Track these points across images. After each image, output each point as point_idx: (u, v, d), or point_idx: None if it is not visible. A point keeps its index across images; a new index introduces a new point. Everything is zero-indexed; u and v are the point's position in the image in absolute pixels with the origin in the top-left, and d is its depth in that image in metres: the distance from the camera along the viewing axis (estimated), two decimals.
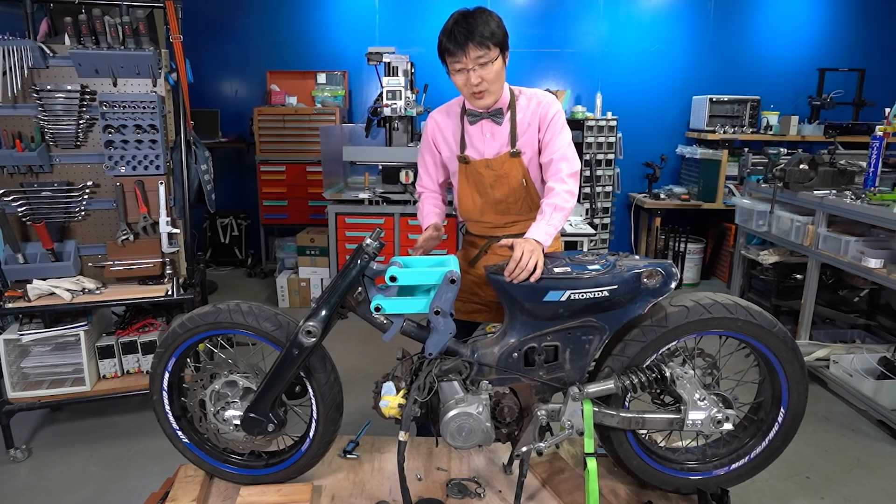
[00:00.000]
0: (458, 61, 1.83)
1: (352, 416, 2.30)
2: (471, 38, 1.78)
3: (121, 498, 2.41)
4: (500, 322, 1.97)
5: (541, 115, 1.94)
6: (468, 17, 1.80)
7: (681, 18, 5.54)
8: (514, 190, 1.99)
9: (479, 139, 2.00)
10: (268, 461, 1.95)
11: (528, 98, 1.97)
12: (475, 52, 1.79)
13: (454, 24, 1.81)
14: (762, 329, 1.74)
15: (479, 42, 1.78)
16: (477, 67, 1.82)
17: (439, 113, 2.10)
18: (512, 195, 2.00)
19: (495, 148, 1.99)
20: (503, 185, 1.99)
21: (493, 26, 1.80)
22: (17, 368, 2.75)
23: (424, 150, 2.16)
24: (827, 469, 2.64)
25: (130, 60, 2.65)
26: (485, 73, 1.83)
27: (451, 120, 2.06)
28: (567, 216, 1.88)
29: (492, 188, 2.00)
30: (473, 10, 1.83)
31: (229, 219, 5.64)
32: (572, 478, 1.96)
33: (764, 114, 5.35)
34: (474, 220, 2.11)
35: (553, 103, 1.96)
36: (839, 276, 3.87)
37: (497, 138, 1.98)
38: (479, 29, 1.78)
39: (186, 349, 1.85)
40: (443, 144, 2.10)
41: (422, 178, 2.20)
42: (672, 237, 5.30)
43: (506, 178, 1.98)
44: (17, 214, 2.66)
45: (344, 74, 5.50)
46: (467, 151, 2.03)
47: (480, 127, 1.99)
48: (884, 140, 3.34)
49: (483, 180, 2.01)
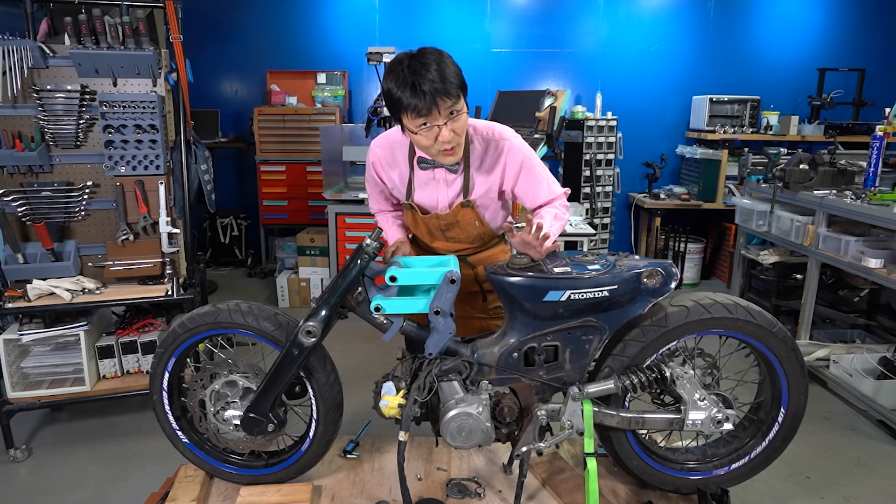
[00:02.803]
0: (427, 119, 1.55)
1: (352, 416, 2.30)
2: (445, 86, 1.50)
3: (121, 498, 2.41)
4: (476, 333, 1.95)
5: (505, 165, 1.79)
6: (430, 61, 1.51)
7: (681, 18, 5.54)
8: (467, 231, 1.93)
9: (431, 187, 1.83)
10: (268, 461, 1.95)
11: (484, 140, 1.78)
12: (447, 103, 1.54)
13: (413, 74, 1.50)
14: (762, 329, 1.73)
15: (454, 92, 1.53)
16: (448, 122, 1.57)
17: (382, 149, 1.86)
18: (464, 234, 1.94)
19: (448, 198, 1.84)
20: (455, 229, 1.92)
21: (457, 70, 1.56)
22: (17, 368, 2.75)
23: (370, 180, 1.96)
24: (827, 469, 2.64)
25: (130, 60, 2.65)
26: (457, 127, 1.60)
27: (397, 161, 1.84)
28: (562, 228, 1.85)
29: (443, 231, 1.93)
30: (429, 48, 1.55)
31: (229, 219, 5.64)
32: (572, 478, 1.96)
33: (764, 114, 5.35)
34: (425, 245, 2.06)
35: (514, 148, 1.77)
36: (839, 276, 3.87)
37: (451, 187, 1.83)
38: (449, 76, 1.51)
39: (186, 349, 1.85)
40: (388, 182, 1.92)
41: (375, 202, 2.05)
42: (672, 237, 5.30)
43: (458, 224, 1.90)
44: (17, 214, 2.66)
45: (344, 74, 5.50)
46: (416, 199, 1.87)
47: (433, 174, 1.81)
48: (884, 140, 3.34)
49: (433, 226, 1.92)
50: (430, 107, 1.52)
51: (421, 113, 1.54)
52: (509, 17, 5.53)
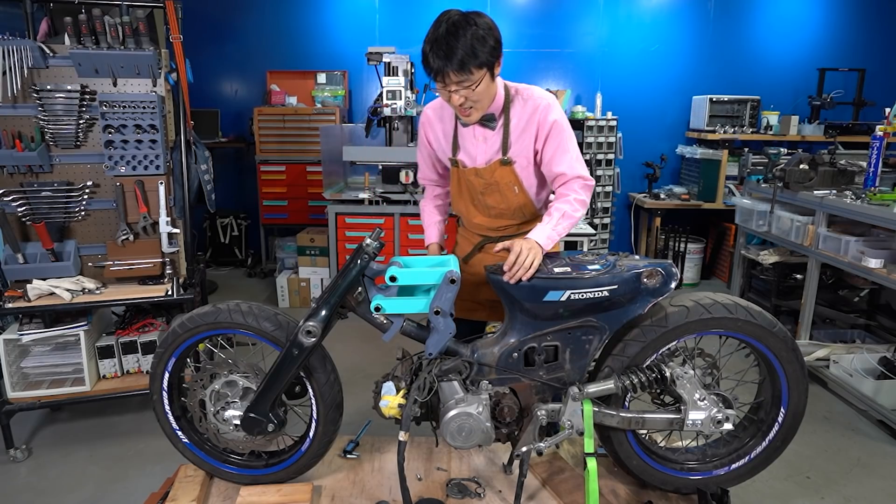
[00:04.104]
0: (439, 81, 1.70)
1: (352, 416, 2.30)
2: (449, 63, 1.62)
3: (121, 498, 2.41)
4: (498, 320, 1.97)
5: (538, 123, 1.82)
6: (451, 32, 1.62)
7: (681, 18, 5.54)
8: (506, 197, 1.94)
9: (471, 143, 1.91)
10: (268, 461, 1.95)
11: (525, 100, 1.84)
12: (456, 76, 1.66)
13: (435, 41, 1.63)
14: (762, 329, 1.74)
15: (458, 68, 1.63)
16: (460, 89, 1.69)
17: (433, 109, 1.99)
18: (503, 202, 1.95)
19: (487, 154, 1.89)
20: (494, 193, 1.93)
21: (476, 46, 1.62)
22: (17, 368, 2.75)
23: (420, 144, 2.08)
24: (827, 469, 2.64)
25: (130, 60, 2.65)
26: (469, 94, 1.71)
27: (444, 118, 1.96)
28: (573, 225, 1.82)
29: (482, 195, 1.95)
30: (461, 19, 1.64)
31: (229, 219, 5.64)
32: (572, 478, 1.96)
33: (764, 114, 5.35)
34: (467, 220, 2.08)
35: (551, 108, 1.82)
36: (839, 276, 3.87)
37: (489, 144, 1.88)
38: (458, 53, 1.61)
39: (186, 349, 1.85)
40: (435, 142, 2.02)
41: (421, 169, 2.14)
42: (672, 237, 5.30)
43: (496, 185, 1.91)
44: (17, 214, 2.66)
45: (344, 74, 5.50)
46: (459, 155, 1.95)
47: (473, 130, 1.89)
48: (884, 140, 3.34)
49: (474, 187, 1.95)
50: (437, 73, 1.67)
51: (433, 73, 1.68)
52: (509, 17, 5.53)
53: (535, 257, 1.66)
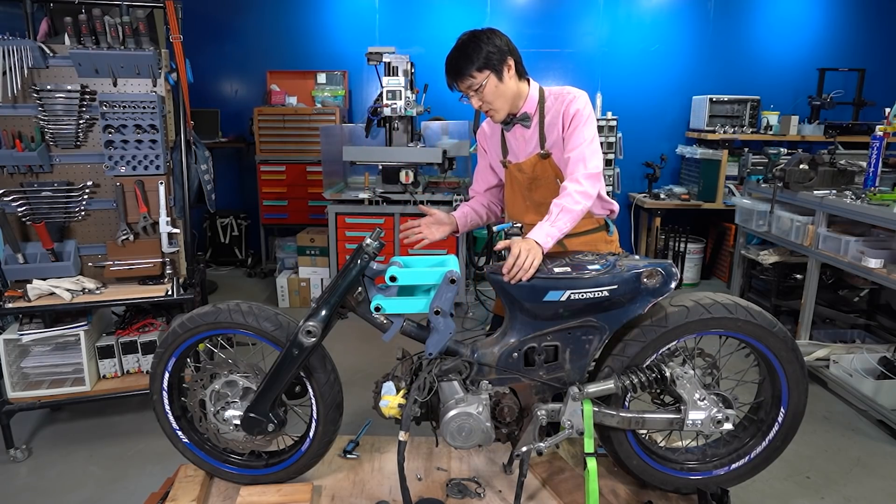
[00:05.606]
0: (456, 91, 1.94)
1: (352, 416, 2.30)
2: (456, 77, 1.88)
3: (121, 498, 2.41)
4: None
5: (563, 112, 1.91)
6: (458, 47, 1.86)
7: (681, 18, 5.54)
8: (552, 191, 1.92)
9: (515, 143, 2.07)
10: (268, 461, 1.95)
11: (555, 97, 1.96)
12: (463, 84, 1.88)
13: (447, 59, 1.89)
14: (762, 329, 1.74)
15: (461, 78, 1.87)
16: (472, 94, 1.89)
17: (487, 122, 2.18)
18: (551, 196, 1.90)
19: (526, 151, 2.03)
20: (540, 187, 2.02)
21: (472, 53, 1.83)
22: (17, 368, 2.75)
23: (479, 155, 2.27)
24: (827, 469, 2.64)
25: (130, 60, 2.65)
26: (482, 96, 1.89)
27: (494, 127, 2.14)
28: (576, 219, 1.78)
29: (529, 190, 2.06)
30: (469, 36, 1.86)
31: (229, 219, 5.64)
32: (572, 478, 1.96)
33: (764, 114, 5.35)
34: (521, 221, 2.07)
35: (576, 99, 1.92)
36: (839, 276, 3.87)
37: (528, 140, 2.02)
38: (461, 66, 1.84)
39: (186, 349, 1.86)
40: (490, 150, 2.19)
41: (476, 182, 2.30)
42: (672, 237, 5.30)
43: (540, 179, 2.02)
44: (17, 214, 2.66)
45: (344, 74, 5.50)
46: (508, 157, 2.11)
47: (514, 132, 2.05)
48: (884, 140, 3.34)
49: (521, 183, 2.07)
50: (451, 86, 1.92)
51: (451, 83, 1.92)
52: (509, 17, 5.53)
53: (534, 258, 1.66)
